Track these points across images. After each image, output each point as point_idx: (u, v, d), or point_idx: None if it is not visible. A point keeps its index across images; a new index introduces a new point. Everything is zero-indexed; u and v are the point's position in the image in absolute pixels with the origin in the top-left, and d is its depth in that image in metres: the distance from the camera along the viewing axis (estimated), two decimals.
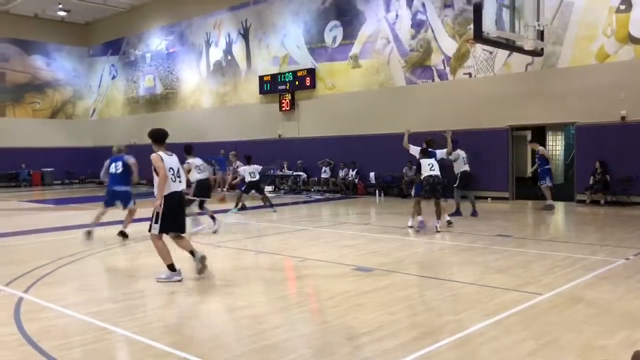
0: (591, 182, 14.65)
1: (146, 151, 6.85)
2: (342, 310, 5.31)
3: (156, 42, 27.78)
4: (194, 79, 26.08)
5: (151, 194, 6.74)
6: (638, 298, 5.54)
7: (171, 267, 6.64)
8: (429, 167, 10.24)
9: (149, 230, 6.61)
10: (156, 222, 6.47)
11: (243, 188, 14.42)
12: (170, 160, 6.56)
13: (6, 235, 10.92)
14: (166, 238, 6.74)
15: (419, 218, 10.40)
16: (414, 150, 10.76)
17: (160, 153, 6.53)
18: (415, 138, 11.41)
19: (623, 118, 14.33)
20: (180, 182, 6.60)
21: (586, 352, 4.09)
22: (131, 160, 9.99)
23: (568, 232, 11.20)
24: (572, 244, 9.05)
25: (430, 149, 10.63)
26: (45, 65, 30.54)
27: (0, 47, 28.78)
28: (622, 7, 14.23)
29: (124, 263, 8.33)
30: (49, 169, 29.21)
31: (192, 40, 25.95)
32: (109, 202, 10.05)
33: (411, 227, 10.59)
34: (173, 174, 6.49)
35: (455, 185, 12.45)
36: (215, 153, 23.02)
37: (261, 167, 14.73)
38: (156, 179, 6.45)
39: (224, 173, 22.85)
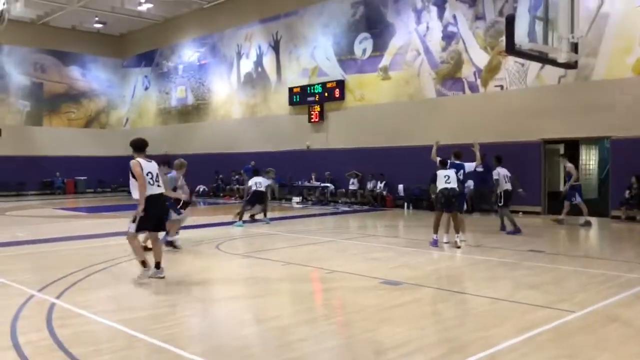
0: (627, 197, 14.28)
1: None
2: (369, 324, 5.26)
3: (188, 53, 28.24)
4: (224, 90, 26.40)
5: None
6: None
7: (143, 264, 7.14)
8: (445, 180, 9.93)
9: (127, 231, 7.18)
10: (133, 222, 7.05)
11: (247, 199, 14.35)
12: (149, 166, 7.16)
13: (40, 242, 11.17)
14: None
15: (434, 236, 10.04)
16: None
17: (139, 159, 7.13)
18: (443, 150, 11.31)
19: None
20: (158, 185, 7.16)
21: None
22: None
23: (602, 249, 10.92)
24: (607, 261, 8.82)
25: (457, 162, 10.47)
26: (81, 76, 31.30)
27: (39, 58, 29.64)
28: None
29: None
30: (82, 178, 29.83)
31: (223, 52, 26.30)
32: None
33: (447, 242, 10.13)
34: (151, 178, 7.08)
35: (500, 204, 12.18)
36: (246, 163, 23.27)
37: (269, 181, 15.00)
38: (133, 183, 7.06)
39: None
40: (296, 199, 21.51)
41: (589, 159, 23.07)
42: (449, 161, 10.38)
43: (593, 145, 22.27)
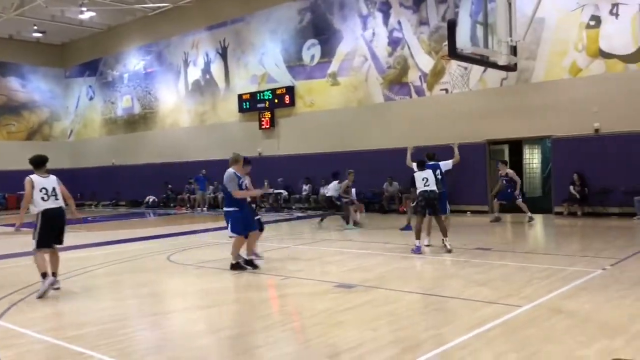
0: (572, 192, 14.81)
1: (126, 171, 6.84)
2: (323, 328, 5.28)
3: (134, 62, 27.71)
4: (172, 98, 26.01)
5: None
6: (616, 307, 5.61)
7: (44, 275, 7.05)
8: (424, 182, 9.61)
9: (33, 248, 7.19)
10: (34, 239, 7.17)
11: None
12: (44, 182, 7.29)
13: None
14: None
15: (417, 243, 9.63)
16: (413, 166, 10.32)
17: (33, 176, 7.32)
18: (399, 153, 11.48)
19: (597, 130, 14.62)
20: (56, 199, 7.27)
21: None
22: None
23: (547, 244, 11.33)
24: (551, 256, 9.15)
25: (431, 162, 10.30)
26: (21, 87, 30.19)
27: None
28: (592, 22, 14.60)
29: (104, 285, 8.19)
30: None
31: (170, 59, 25.93)
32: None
33: (428, 245, 10.06)
34: (46, 193, 7.21)
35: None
36: (196, 172, 22.99)
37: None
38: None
39: (203, 193, 22.76)
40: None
41: (532, 158, 23.87)
42: (431, 163, 10.24)
43: (535, 144, 23.05)
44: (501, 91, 16.27)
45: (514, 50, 9.90)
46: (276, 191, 21.05)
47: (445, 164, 10.39)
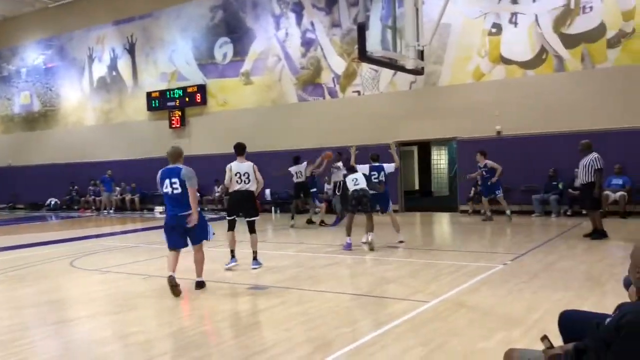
0: (471, 193, 15.59)
1: (24, 172, 6.38)
2: (236, 331, 5.21)
3: (33, 56, 26.09)
4: (75, 96, 24.74)
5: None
6: (515, 300, 5.93)
7: None
8: (354, 182, 10.00)
9: None
10: None
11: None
12: None
13: None
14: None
15: (347, 239, 9.89)
16: (362, 169, 10.43)
17: None
18: (313, 154, 11.55)
19: (498, 132, 15.45)
20: None
21: (469, 354, 4.31)
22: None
23: (453, 241, 11.82)
24: (457, 253, 9.56)
25: (376, 164, 10.56)
26: None
27: None
28: (494, 30, 15.43)
29: (2, 293, 7.64)
30: None
31: (73, 54, 24.64)
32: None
33: (365, 242, 10.14)
34: None
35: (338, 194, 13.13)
36: (102, 173, 21.99)
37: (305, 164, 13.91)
38: None
39: (109, 194, 21.82)
40: (159, 209, 20.73)
41: (440, 159, 24.92)
42: (376, 165, 10.55)
43: (443, 146, 24.07)
44: (410, 94, 16.81)
45: (421, 55, 10.25)
46: None
47: (389, 167, 10.61)
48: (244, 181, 8.27)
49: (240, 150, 8.66)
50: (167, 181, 6.84)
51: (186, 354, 4.64)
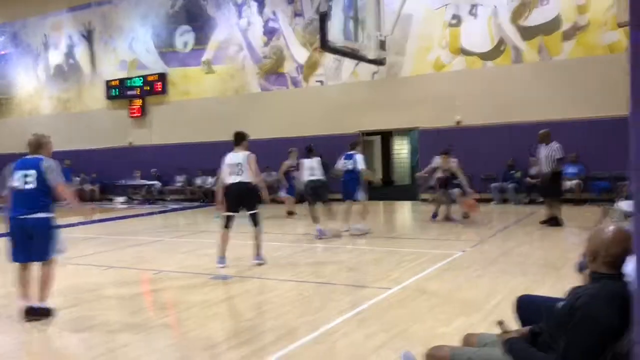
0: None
1: None
2: (198, 321, 5.19)
3: None
4: (31, 84, 24.00)
5: None
6: (473, 287, 6.08)
7: None
8: (309, 173, 10.11)
9: None
10: None
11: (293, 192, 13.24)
12: None
13: None
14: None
15: (317, 227, 9.90)
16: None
17: None
18: (277, 143, 11.52)
19: (458, 122, 15.71)
20: None
21: (429, 340, 4.39)
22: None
23: (414, 229, 12.00)
24: (418, 240, 9.72)
25: (352, 152, 10.39)
26: None
27: None
28: (454, 21, 15.63)
29: None
30: None
31: (27, 41, 23.87)
32: None
33: (346, 231, 10.23)
34: None
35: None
36: (60, 163, 21.41)
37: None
38: None
39: (68, 184, 21.26)
40: (120, 199, 20.37)
41: (401, 148, 25.19)
42: (348, 153, 10.32)
43: (405, 136, 24.33)
44: (373, 84, 16.91)
45: (383, 45, 10.32)
46: (149, 182, 20.24)
47: (360, 162, 10.30)
48: (237, 172, 7.66)
49: (236, 139, 8.02)
50: (19, 173, 5.43)
51: (147, 345, 4.60)
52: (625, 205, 8.50)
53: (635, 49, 1.52)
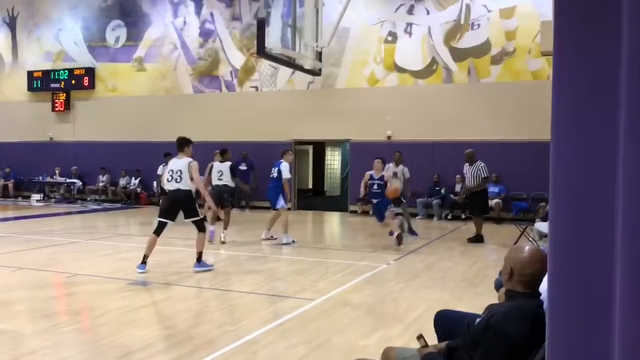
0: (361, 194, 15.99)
1: None
2: (113, 328, 4.96)
3: None
4: None
5: None
6: (394, 299, 6.17)
7: None
8: (218, 175, 10.31)
9: None
10: None
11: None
12: None
13: None
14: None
15: (210, 227, 9.73)
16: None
17: None
18: (207, 147, 11.29)
19: (389, 137, 16.02)
20: None
21: (350, 352, 4.41)
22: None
23: (341, 240, 12.09)
24: (344, 251, 9.79)
25: (281, 160, 10.23)
26: None
27: None
28: (390, 38, 15.98)
29: None
30: None
31: None
32: None
33: (264, 239, 10.29)
34: None
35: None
36: None
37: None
38: None
39: None
40: (36, 197, 19.33)
41: (334, 159, 25.40)
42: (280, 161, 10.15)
43: (337, 147, 24.55)
44: (307, 94, 16.98)
45: (319, 56, 10.39)
46: (69, 180, 19.33)
47: (285, 170, 10.12)
48: (176, 179, 7.38)
49: (179, 145, 7.71)
50: None
51: (58, 352, 4.35)
52: (542, 226, 8.94)
53: (558, 77, 1.58)
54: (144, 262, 7.37)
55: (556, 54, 1.58)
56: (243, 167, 16.02)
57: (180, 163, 7.53)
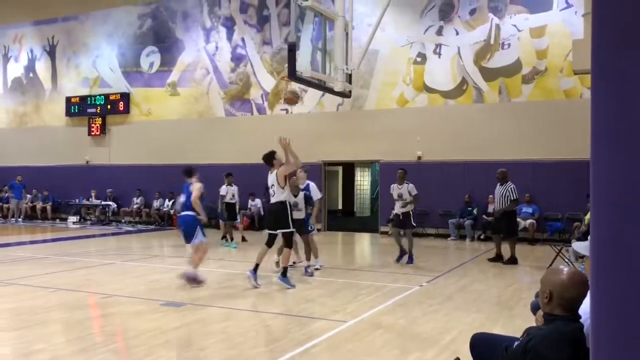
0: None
1: None
2: (147, 349, 5.01)
3: None
4: None
5: None
6: (428, 321, 6.09)
7: None
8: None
9: None
10: None
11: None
12: None
13: None
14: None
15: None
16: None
17: None
18: (238, 169, 11.41)
19: (419, 158, 15.95)
20: None
21: None
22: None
23: (372, 262, 12.01)
24: (376, 273, 9.71)
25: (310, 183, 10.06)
26: None
27: None
28: (419, 59, 16.01)
29: None
30: None
31: None
32: None
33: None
34: None
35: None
36: (11, 178, 20.75)
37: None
38: None
39: (18, 201, 20.54)
40: (72, 219, 19.77)
41: (363, 180, 25.38)
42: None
43: (366, 167, 24.55)
44: (337, 115, 17.07)
45: (349, 78, 10.43)
46: (104, 203, 19.73)
47: (314, 190, 9.93)
48: (270, 194, 8.24)
49: (266, 160, 8.81)
50: None
51: None
52: (576, 246, 8.72)
53: (596, 97, 1.56)
54: (255, 269, 7.82)
55: (594, 71, 1.57)
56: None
57: (271, 178, 8.39)
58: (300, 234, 9.10)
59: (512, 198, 10.49)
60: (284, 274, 7.93)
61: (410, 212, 10.59)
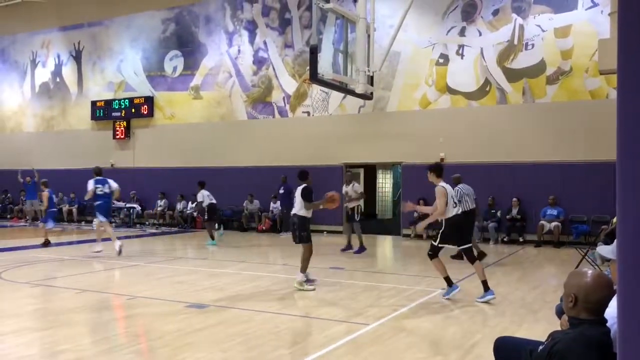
0: (415, 217, 15.85)
1: None
2: (171, 350, 5.06)
3: None
4: (15, 100, 23.80)
5: None
6: (451, 325, 6.04)
7: None
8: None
9: None
10: None
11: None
12: None
13: None
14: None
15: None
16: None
17: None
18: (261, 171, 11.44)
19: (442, 159, 15.82)
20: None
21: None
22: None
23: (395, 264, 11.95)
24: (398, 276, 9.67)
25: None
26: None
27: None
28: (441, 60, 15.90)
29: None
30: None
31: (15, 57, 23.77)
32: None
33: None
34: None
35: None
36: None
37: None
38: None
39: (32, 202, 20.45)
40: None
41: (385, 182, 25.26)
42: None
43: (388, 170, 24.44)
44: (358, 118, 17.05)
45: (371, 80, 10.41)
46: (128, 205, 19.98)
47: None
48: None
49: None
50: None
51: None
52: (604, 250, 8.57)
53: (623, 97, 1.54)
54: (449, 284, 7.43)
55: (620, 71, 1.54)
56: (281, 190, 16.20)
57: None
58: None
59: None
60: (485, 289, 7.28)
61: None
